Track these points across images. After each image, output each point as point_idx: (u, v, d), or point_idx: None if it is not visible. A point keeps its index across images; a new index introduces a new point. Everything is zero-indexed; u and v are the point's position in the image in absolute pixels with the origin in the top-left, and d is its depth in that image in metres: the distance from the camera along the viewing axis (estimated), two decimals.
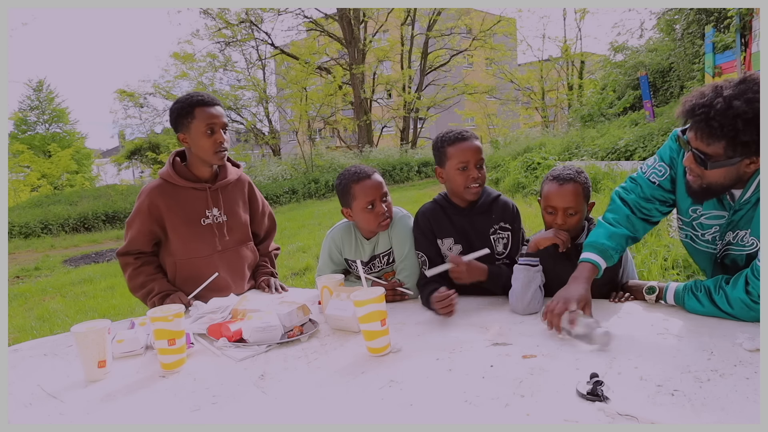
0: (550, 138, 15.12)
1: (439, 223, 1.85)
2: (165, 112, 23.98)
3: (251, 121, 20.84)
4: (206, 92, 2.04)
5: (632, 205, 1.63)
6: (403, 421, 1.03)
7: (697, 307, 1.46)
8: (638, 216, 1.63)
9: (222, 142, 1.94)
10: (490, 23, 22.89)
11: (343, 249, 1.99)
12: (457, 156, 1.76)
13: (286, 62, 20.70)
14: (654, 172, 1.61)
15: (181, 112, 1.92)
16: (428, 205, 1.90)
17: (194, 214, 2.01)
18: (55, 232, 11.36)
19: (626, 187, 1.68)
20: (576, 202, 1.66)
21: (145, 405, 1.19)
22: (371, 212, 1.84)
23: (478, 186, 1.78)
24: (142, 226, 1.99)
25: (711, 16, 11.05)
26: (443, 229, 1.85)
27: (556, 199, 1.67)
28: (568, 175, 1.68)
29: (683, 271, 3.53)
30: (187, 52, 19.77)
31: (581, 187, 1.68)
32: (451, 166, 1.78)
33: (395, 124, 24.30)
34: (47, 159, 19.43)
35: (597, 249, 1.56)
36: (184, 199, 2.00)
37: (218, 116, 1.93)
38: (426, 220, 1.86)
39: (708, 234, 1.55)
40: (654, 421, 0.95)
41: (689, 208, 1.56)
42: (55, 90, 33.71)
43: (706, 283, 1.46)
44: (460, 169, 1.76)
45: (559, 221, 1.68)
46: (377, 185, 1.85)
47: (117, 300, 5.07)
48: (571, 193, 1.66)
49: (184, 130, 1.94)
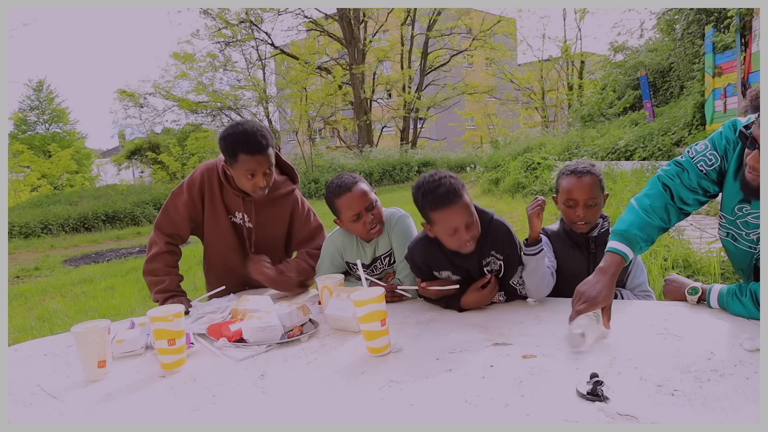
0: (550, 138, 15.13)
1: (434, 258, 1.72)
2: (165, 112, 24.09)
3: None
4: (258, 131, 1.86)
5: (674, 193, 1.52)
6: (403, 421, 1.03)
7: (741, 310, 1.42)
8: (676, 205, 1.52)
9: (262, 186, 1.91)
10: (490, 23, 22.91)
11: (345, 253, 1.99)
12: (445, 222, 1.57)
13: (286, 62, 20.71)
14: (704, 159, 1.49)
15: (225, 150, 1.89)
16: (420, 241, 1.74)
17: (228, 208, 2.07)
18: (55, 232, 11.36)
19: (670, 172, 1.55)
20: (595, 193, 1.70)
21: (145, 405, 1.19)
22: (358, 223, 1.85)
23: (472, 244, 1.60)
24: (186, 204, 2.04)
25: (711, 16, 11.05)
26: (439, 263, 1.72)
27: (576, 191, 1.70)
28: (585, 168, 1.72)
29: (683, 271, 3.53)
30: (187, 52, 19.79)
31: (597, 179, 1.72)
32: (440, 231, 1.60)
33: (395, 124, 24.31)
34: (47, 159, 19.42)
35: (627, 239, 1.48)
36: (225, 192, 2.06)
37: (261, 164, 1.87)
38: (421, 256, 1.73)
39: (753, 234, 1.47)
40: (654, 421, 0.95)
41: (736, 206, 1.47)
42: (55, 90, 33.70)
43: (751, 287, 1.41)
44: (451, 234, 1.58)
45: (580, 213, 1.69)
46: (359, 197, 1.82)
47: (117, 300, 5.07)
48: (590, 185, 1.70)
49: (228, 162, 1.93)
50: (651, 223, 1.51)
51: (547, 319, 1.54)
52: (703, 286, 1.56)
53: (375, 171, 16.07)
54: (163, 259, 2.02)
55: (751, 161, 1.31)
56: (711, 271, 3.42)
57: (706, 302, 1.53)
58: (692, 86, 10.61)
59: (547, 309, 1.64)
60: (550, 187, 7.57)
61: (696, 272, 3.49)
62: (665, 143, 9.76)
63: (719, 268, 3.40)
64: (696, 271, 3.50)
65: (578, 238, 1.77)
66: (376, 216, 1.87)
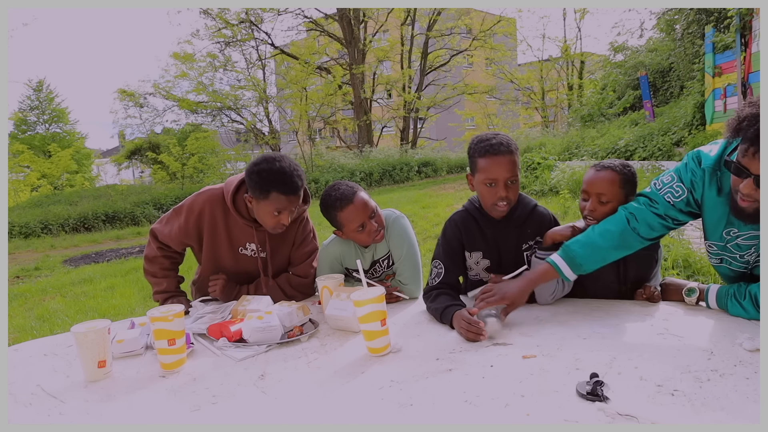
0: (550, 138, 15.13)
1: (470, 234, 1.75)
2: (165, 112, 24.06)
3: (251, 121, 20.82)
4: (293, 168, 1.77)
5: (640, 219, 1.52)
6: (403, 421, 1.03)
7: (742, 313, 1.42)
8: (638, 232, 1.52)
9: (286, 224, 1.82)
10: (490, 23, 22.89)
11: (344, 260, 1.97)
12: (486, 171, 1.63)
13: (286, 62, 20.70)
14: (670, 191, 1.51)
15: (258, 185, 1.75)
16: (460, 214, 1.78)
17: (235, 241, 1.96)
18: (55, 232, 11.35)
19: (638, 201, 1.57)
20: (609, 189, 1.62)
21: (145, 405, 1.19)
22: (362, 233, 1.83)
23: (505, 205, 1.66)
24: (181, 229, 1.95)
25: (711, 16, 11.06)
26: (473, 242, 1.75)
27: (589, 184, 1.66)
28: (609, 165, 1.66)
29: (683, 271, 3.54)
30: (187, 52, 19.76)
31: (619, 176, 1.63)
32: (479, 180, 1.66)
33: (395, 124, 24.29)
34: (47, 159, 19.40)
35: (566, 253, 1.53)
36: (230, 223, 1.93)
37: (292, 203, 1.79)
38: (456, 230, 1.75)
39: (747, 255, 1.47)
40: (654, 421, 0.95)
41: (723, 230, 1.48)
42: (55, 90, 33.73)
43: (750, 289, 1.41)
44: (488, 185, 1.64)
45: (591, 207, 1.65)
46: (362, 208, 1.79)
47: (117, 300, 5.07)
48: (606, 180, 1.62)
49: (255, 195, 1.79)
50: (598, 243, 1.52)
51: (547, 319, 1.54)
52: (701, 286, 1.56)
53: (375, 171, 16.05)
54: (159, 262, 2.01)
55: (746, 189, 1.27)
56: (711, 271, 3.42)
57: (704, 303, 1.53)
58: (692, 86, 10.63)
59: (547, 309, 1.64)
60: (550, 187, 7.56)
61: (696, 272, 3.49)
62: (665, 143, 9.77)
63: None
64: (696, 271, 3.50)
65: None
66: (378, 223, 1.85)
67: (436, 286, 1.71)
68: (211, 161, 18.19)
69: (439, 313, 1.59)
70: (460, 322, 1.45)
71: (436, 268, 1.75)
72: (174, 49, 29.26)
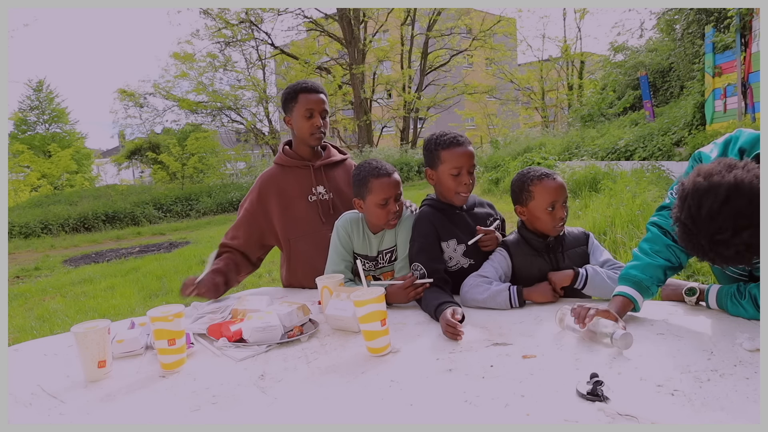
0: (550, 138, 15.13)
1: (443, 224, 1.85)
2: (165, 112, 24.08)
3: (251, 121, 20.84)
4: (313, 81, 2.19)
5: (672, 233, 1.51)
6: (403, 421, 1.03)
7: (741, 312, 1.42)
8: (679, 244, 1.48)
9: (319, 126, 2.09)
10: (490, 23, 22.89)
11: (353, 238, 1.95)
12: (451, 161, 1.79)
13: (286, 62, 20.72)
14: None
15: (288, 96, 2.10)
16: (426, 211, 1.88)
17: (301, 192, 2.16)
18: (55, 232, 11.36)
19: (661, 215, 1.57)
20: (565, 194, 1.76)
21: (145, 405, 1.19)
22: (383, 209, 1.84)
23: (467, 192, 1.82)
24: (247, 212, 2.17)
25: (711, 16, 11.05)
26: (447, 231, 1.84)
27: (556, 193, 1.73)
28: (551, 172, 1.79)
29: (683, 271, 3.53)
30: (187, 52, 19.80)
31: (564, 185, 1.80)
32: (443, 171, 1.81)
33: (395, 124, 24.31)
34: (47, 159, 19.42)
35: (630, 281, 1.49)
36: (292, 178, 2.17)
37: (317, 102, 2.08)
38: (429, 224, 1.84)
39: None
40: (654, 421, 0.95)
41: None
42: (55, 90, 33.69)
43: (750, 289, 1.41)
44: (453, 174, 1.79)
45: (560, 214, 1.74)
46: (395, 184, 1.85)
47: (117, 300, 5.07)
48: (563, 187, 1.76)
49: (289, 112, 2.12)
50: (653, 263, 1.50)
51: (548, 319, 1.54)
52: (700, 286, 1.56)
53: None
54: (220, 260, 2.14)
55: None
56: (711, 271, 3.41)
57: (704, 303, 1.53)
58: (692, 86, 10.62)
59: (547, 309, 1.64)
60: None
61: (696, 272, 3.49)
62: (665, 143, 9.76)
63: None
64: (696, 271, 3.50)
65: (537, 244, 1.78)
66: (399, 208, 1.87)
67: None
68: (211, 161, 18.21)
69: (432, 311, 1.62)
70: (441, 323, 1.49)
71: (417, 270, 1.78)
72: (174, 49, 29.30)
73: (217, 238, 8.52)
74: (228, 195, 14.02)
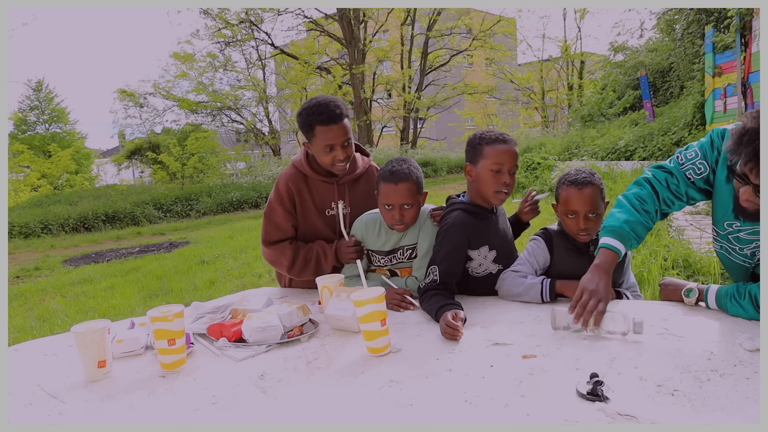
0: (550, 138, 15.14)
1: (475, 232, 1.79)
2: (165, 112, 24.06)
3: (251, 121, 20.84)
4: (331, 101, 1.90)
5: (661, 197, 1.56)
6: (403, 421, 1.03)
7: (741, 313, 1.42)
8: (661, 208, 1.56)
9: (340, 159, 1.93)
10: (490, 23, 22.89)
11: (366, 237, 1.95)
12: (494, 157, 1.71)
13: (286, 62, 20.72)
14: (692, 168, 1.51)
15: (303, 125, 1.92)
16: (460, 217, 1.78)
17: (321, 205, 2.06)
18: (55, 232, 11.35)
19: (658, 175, 1.58)
20: (596, 204, 1.70)
21: (145, 405, 1.19)
22: (388, 213, 1.84)
23: (506, 193, 1.74)
24: (284, 212, 2.03)
25: (711, 16, 11.05)
26: (478, 239, 1.79)
27: (577, 203, 1.70)
28: (585, 179, 1.71)
29: (683, 271, 3.53)
30: (187, 52, 19.81)
31: (598, 188, 1.71)
32: (484, 166, 1.73)
33: (395, 124, 24.30)
34: (47, 159, 19.40)
35: (620, 236, 1.51)
36: (313, 189, 2.05)
37: (337, 136, 1.89)
38: (463, 233, 1.76)
39: (747, 249, 1.48)
40: (654, 421, 0.95)
41: (725, 221, 1.49)
42: (54, 90, 33.74)
43: (750, 289, 1.41)
44: (494, 171, 1.71)
45: (582, 225, 1.70)
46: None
47: (117, 300, 5.07)
48: (591, 196, 1.69)
49: (307, 138, 1.95)
50: (641, 222, 1.54)
51: (548, 319, 1.54)
52: (700, 286, 1.56)
53: None
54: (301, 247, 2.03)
55: (745, 195, 1.31)
56: (711, 271, 3.42)
57: (703, 303, 1.53)
58: (692, 86, 10.62)
59: (547, 309, 1.64)
60: (550, 187, 7.57)
61: (696, 272, 3.49)
62: (665, 143, 9.77)
63: (719, 268, 3.40)
64: (696, 271, 3.50)
65: (578, 242, 1.77)
66: (406, 216, 1.84)
67: (431, 287, 1.71)
68: (211, 161, 18.19)
69: (434, 312, 1.60)
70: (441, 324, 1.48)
71: (432, 273, 1.74)
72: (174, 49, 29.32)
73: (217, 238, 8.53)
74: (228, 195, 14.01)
